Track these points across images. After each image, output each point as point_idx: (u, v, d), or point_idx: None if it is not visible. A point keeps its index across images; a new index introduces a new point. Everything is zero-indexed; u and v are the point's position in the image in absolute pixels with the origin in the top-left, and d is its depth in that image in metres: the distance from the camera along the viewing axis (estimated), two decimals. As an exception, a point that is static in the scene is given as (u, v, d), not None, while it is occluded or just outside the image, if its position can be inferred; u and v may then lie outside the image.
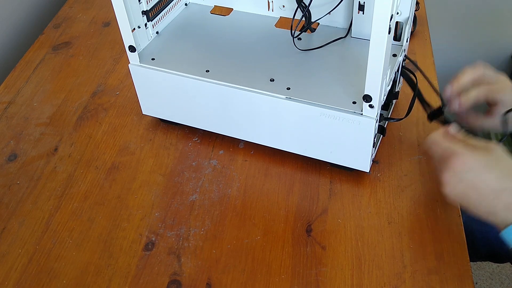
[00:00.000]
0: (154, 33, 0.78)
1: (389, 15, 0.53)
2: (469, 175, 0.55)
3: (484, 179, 0.54)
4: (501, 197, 0.53)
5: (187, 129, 0.81)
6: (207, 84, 0.70)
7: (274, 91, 0.67)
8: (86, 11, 1.10)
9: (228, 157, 0.76)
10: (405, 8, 0.69)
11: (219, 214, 0.69)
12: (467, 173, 0.55)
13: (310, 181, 0.72)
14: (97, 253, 0.65)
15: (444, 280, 0.60)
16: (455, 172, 0.55)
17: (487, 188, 0.54)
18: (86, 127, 0.83)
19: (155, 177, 0.74)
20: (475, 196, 0.55)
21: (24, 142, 0.81)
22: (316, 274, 0.61)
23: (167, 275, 0.62)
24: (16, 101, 0.89)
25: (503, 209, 0.53)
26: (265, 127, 0.72)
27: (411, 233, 0.64)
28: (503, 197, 0.53)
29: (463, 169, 0.55)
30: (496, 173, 0.54)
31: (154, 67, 0.73)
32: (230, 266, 0.63)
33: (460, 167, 0.55)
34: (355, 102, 0.65)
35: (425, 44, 0.93)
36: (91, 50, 0.99)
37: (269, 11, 0.81)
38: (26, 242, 0.67)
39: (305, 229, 0.66)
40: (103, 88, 0.90)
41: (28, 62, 0.97)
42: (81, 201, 0.72)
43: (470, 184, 0.55)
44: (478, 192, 0.54)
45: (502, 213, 0.53)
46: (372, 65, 0.58)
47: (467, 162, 0.55)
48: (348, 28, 0.77)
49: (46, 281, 0.63)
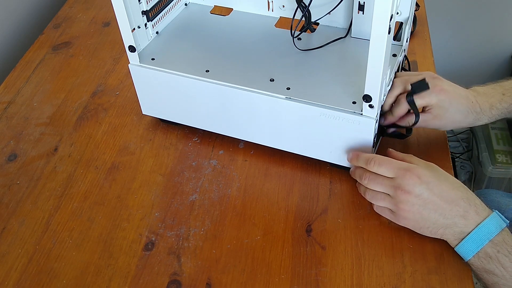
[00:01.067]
0: (154, 33, 0.78)
1: (389, 15, 0.53)
2: (419, 219, 0.61)
3: (434, 220, 0.60)
4: (448, 230, 0.60)
5: (187, 129, 0.81)
6: (207, 84, 0.70)
7: (274, 91, 0.68)
8: (86, 11, 1.10)
9: (228, 157, 0.76)
10: (405, 8, 0.70)
11: (219, 214, 0.69)
12: (418, 218, 0.61)
13: (310, 181, 0.72)
14: (97, 253, 0.65)
15: (444, 280, 0.60)
16: (407, 218, 0.61)
17: (437, 224, 0.60)
18: (86, 127, 0.83)
19: (155, 177, 0.74)
20: (429, 230, 0.61)
21: (24, 142, 0.81)
22: (316, 274, 0.61)
23: (167, 275, 0.62)
24: (16, 101, 0.89)
25: (453, 238, 0.60)
26: (265, 127, 0.72)
27: (411, 233, 0.64)
28: (448, 230, 0.60)
29: (413, 215, 0.61)
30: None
31: (154, 67, 0.73)
32: (230, 266, 0.63)
33: (410, 215, 0.61)
34: (355, 102, 0.65)
35: (425, 44, 0.93)
36: (91, 50, 0.99)
37: (269, 11, 0.81)
38: (26, 242, 0.67)
39: (305, 229, 0.66)
40: (103, 88, 0.90)
41: (28, 62, 0.97)
42: (81, 201, 0.72)
43: (424, 224, 0.61)
44: (431, 227, 0.61)
45: (460, 222, 0.59)
46: (372, 65, 0.58)
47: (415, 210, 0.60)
48: (348, 28, 0.77)
49: (46, 281, 0.63)
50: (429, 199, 0.59)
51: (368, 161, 0.63)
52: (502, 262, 0.56)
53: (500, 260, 0.56)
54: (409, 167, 0.61)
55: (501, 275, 0.56)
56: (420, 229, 0.62)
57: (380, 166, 0.62)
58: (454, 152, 1.71)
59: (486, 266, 0.57)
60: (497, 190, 0.91)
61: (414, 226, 0.62)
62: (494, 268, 0.56)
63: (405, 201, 0.60)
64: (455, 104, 0.68)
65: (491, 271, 0.57)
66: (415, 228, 0.62)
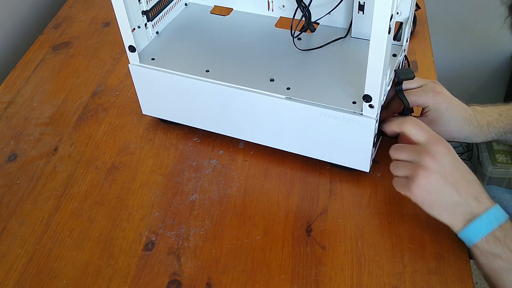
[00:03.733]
0: (154, 33, 0.78)
1: (389, 15, 0.53)
2: (434, 190, 0.60)
3: (448, 195, 0.59)
4: (458, 208, 0.59)
5: (187, 129, 0.81)
6: (207, 84, 0.70)
7: (274, 91, 0.67)
8: (86, 11, 1.10)
9: (228, 157, 0.76)
10: (405, 8, 0.70)
11: (219, 214, 0.69)
12: (433, 188, 0.60)
13: (310, 181, 0.72)
14: (97, 253, 0.65)
15: (444, 280, 0.60)
16: (422, 186, 0.60)
17: (449, 200, 0.59)
18: (86, 127, 0.83)
19: (155, 177, 0.74)
20: (439, 206, 0.60)
21: (24, 142, 0.81)
22: (316, 274, 0.61)
23: (167, 275, 0.62)
24: (16, 101, 0.89)
25: (461, 219, 0.59)
26: (265, 127, 0.72)
27: (411, 233, 0.64)
28: (459, 209, 0.59)
29: (430, 184, 0.60)
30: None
31: (154, 67, 0.73)
32: (230, 266, 0.63)
33: (427, 182, 0.60)
34: (355, 102, 0.65)
35: (425, 44, 0.93)
36: (91, 50, 0.99)
37: (269, 11, 0.81)
38: (26, 242, 0.67)
39: (305, 229, 0.66)
40: (103, 88, 0.90)
41: (28, 62, 0.97)
42: (81, 201, 0.72)
43: (436, 197, 0.60)
44: (442, 203, 0.60)
45: (473, 202, 0.59)
46: (372, 65, 0.58)
47: (432, 179, 0.59)
48: (348, 28, 0.77)
49: (46, 281, 0.63)
50: (451, 172, 0.59)
51: (404, 121, 0.63)
52: (510, 247, 0.56)
53: (508, 244, 0.56)
54: (441, 138, 0.61)
55: (508, 259, 0.56)
56: (429, 204, 0.60)
57: (414, 127, 0.62)
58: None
59: (494, 249, 0.57)
60: (498, 187, 0.91)
61: (424, 198, 0.60)
62: (501, 252, 0.56)
63: (428, 167, 0.59)
64: (451, 110, 0.68)
65: (498, 255, 0.56)
66: (424, 202, 0.60)
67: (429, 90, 0.68)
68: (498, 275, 0.57)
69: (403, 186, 0.62)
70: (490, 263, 0.57)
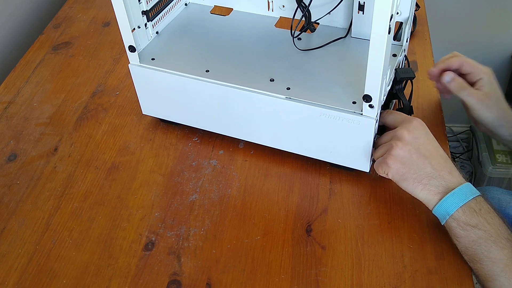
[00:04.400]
0: (154, 33, 0.78)
1: (389, 15, 0.53)
2: (407, 162, 0.62)
3: (422, 166, 0.61)
4: (432, 181, 0.61)
5: (187, 129, 0.81)
6: (207, 84, 0.70)
7: (274, 91, 0.67)
8: (86, 11, 1.10)
9: (228, 157, 0.76)
10: (405, 8, 0.70)
11: (219, 214, 0.69)
12: (406, 159, 0.62)
13: (310, 181, 0.72)
14: (97, 253, 0.65)
15: (444, 280, 0.60)
16: (397, 156, 0.62)
17: (423, 172, 0.61)
18: (86, 127, 0.83)
19: (155, 177, 0.74)
20: (413, 179, 0.61)
21: (24, 142, 0.81)
22: (316, 274, 0.61)
23: (167, 275, 0.62)
24: (16, 101, 0.89)
25: (436, 192, 0.60)
26: (265, 127, 0.72)
27: (411, 233, 0.64)
28: (433, 181, 0.61)
29: (403, 154, 0.62)
30: (427, 160, 0.61)
31: (154, 67, 0.73)
32: (230, 266, 0.63)
33: (401, 152, 0.62)
34: (355, 102, 0.65)
35: (425, 44, 0.93)
36: (91, 50, 0.99)
37: (269, 11, 0.81)
38: (26, 242, 0.67)
39: (305, 229, 0.66)
40: (103, 88, 0.90)
41: (28, 62, 0.97)
42: (81, 201, 0.72)
43: (409, 168, 0.62)
44: (416, 175, 0.61)
45: (446, 176, 0.61)
46: (372, 65, 0.58)
47: (406, 150, 0.62)
48: (348, 28, 0.77)
49: (46, 281, 0.63)
50: (424, 145, 0.62)
51: (382, 116, 0.67)
52: (485, 217, 0.58)
53: (483, 215, 0.58)
54: (416, 118, 0.65)
55: (485, 229, 0.57)
56: (404, 175, 0.62)
57: (390, 114, 0.66)
58: (454, 152, 1.71)
59: (471, 220, 0.58)
60: (497, 188, 0.91)
61: (399, 170, 0.62)
62: (478, 222, 0.58)
63: (402, 138, 0.62)
64: (500, 92, 0.72)
65: (475, 226, 0.57)
66: (399, 173, 0.62)
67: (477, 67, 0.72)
68: (476, 245, 0.57)
69: (380, 163, 0.64)
70: (468, 235, 0.58)
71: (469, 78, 0.73)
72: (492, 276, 0.56)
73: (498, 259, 0.56)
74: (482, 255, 0.57)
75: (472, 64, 0.73)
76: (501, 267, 0.56)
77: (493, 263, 0.56)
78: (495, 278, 0.56)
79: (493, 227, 0.57)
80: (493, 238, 0.57)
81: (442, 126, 0.77)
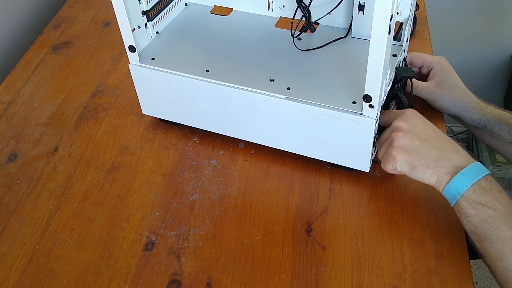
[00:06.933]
0: (154, 33, 0.79)
1: (389, 15, 0.53)
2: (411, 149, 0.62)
3: (426, 150, 0.61)
4: (441, 162, 0.60)
5: (187, 129, 0.81)
6: (207, 84, 0.70)
7: (274, 91, 0.68)
8: (86, 11, 1.10)
9: (228, 157, 0.76)
10: (405, 8, 0.70)
11: (219, 214, 0.69)
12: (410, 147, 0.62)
13: (310, 181, 0.72)
14: (97, 253, 0.65)
15: (444, 280, 0.60)
16: (400, 147, 0.62)
17: (429, 156, 0.61)
18: (86, 127, 0.83)
19: (155, 177, 0.74)
20: (421, 164, 0.61)
21: (24, 142, 0.81)
22: (316, 274, 0.61)
23: (167, 275, 0.63)
24: (16, 101, 0.89)
25: (446, 172, 0.60)
26: (265, 127, 0.72)
27: (411, 233, 0.64)
28: (442, 162, 0.60)
29: (406, 143, 0.62)
30: (430, 144, 0.61)
31: (154, 67, 0.73)
32: (230, 266, 0.63)
33: (403, 141, 0.62)
34: (355, 102, 0.65)
35: (425, 44, 0.93)
36: (91, 50, 0.99)
37: (269, 11, 0.81)
38: (26, 242, 0.67)
39: (305, 229, 0.66)
40: (103, 88, 0.90)
41: (28, 62, 0.97)
42: (81, 201, 0.72)
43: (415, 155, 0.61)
44: (423, 160, 0.61)
45: (454, 156, 0.60)
46: (372, 65, 0.58)
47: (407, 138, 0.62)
48: (348, 28, 0.77)
49: (46, 281, 0.63)
50: (423, 130, 0.62)
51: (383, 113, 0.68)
52: (495, 196, 0.58)
53: (493, 194, 0.58)
54: (409, 109, 0.66)
55: (495, 207, 0.57)
56: (412, 163, 0.61)
57: (384, 113, 0.67)
58: (454, 152, 1.70)
59: (482, 199, 0.57)
60: None
61: (406, 160, 0.61)
62: (488, 201, 0.57)
63: (400, 128, 0.63)
64: (455, 76, 0.74)
65: (486, 204, 0.57)
66: (407, 162, 0.61)
67: (435, 57, 0.74)
68: (486, 224, 0.57)
69: (386, 159, 0.64)
70: (478, 214, 0.58)
71: (423, 71, 0.77)
72: (502, 255, 0.56)
73: (508, 238, 0.56)
74: (492, 233, 0.56)
75: (420, 57, 0.76)
76: (511, 245, 0.56)
77: (503, 241, 0.56)
78: (505, 256, 0.56)
79: (503, 206, 0.57)
80: (503, 217, 0.56)
81: (442, 126, 0.78)
